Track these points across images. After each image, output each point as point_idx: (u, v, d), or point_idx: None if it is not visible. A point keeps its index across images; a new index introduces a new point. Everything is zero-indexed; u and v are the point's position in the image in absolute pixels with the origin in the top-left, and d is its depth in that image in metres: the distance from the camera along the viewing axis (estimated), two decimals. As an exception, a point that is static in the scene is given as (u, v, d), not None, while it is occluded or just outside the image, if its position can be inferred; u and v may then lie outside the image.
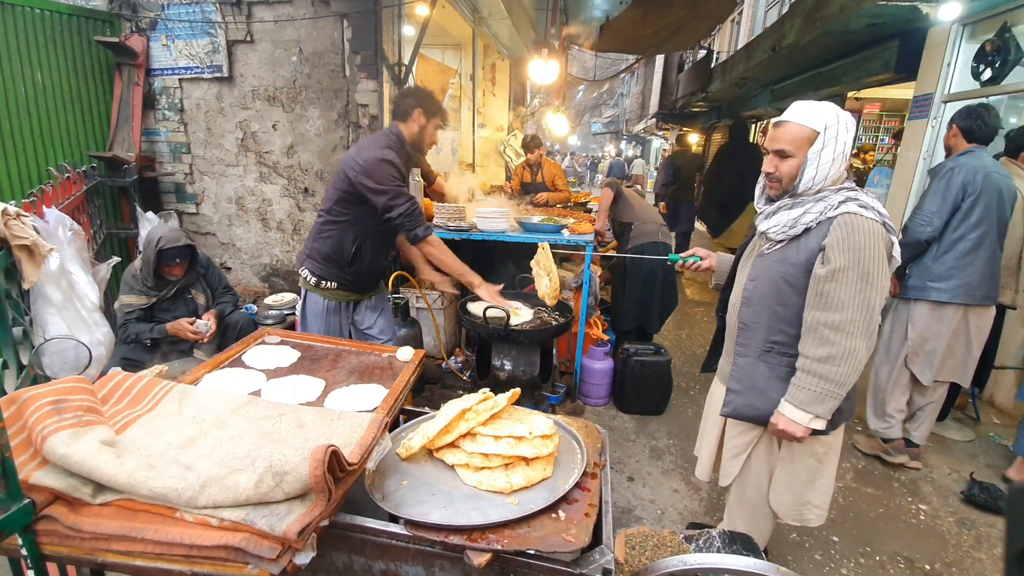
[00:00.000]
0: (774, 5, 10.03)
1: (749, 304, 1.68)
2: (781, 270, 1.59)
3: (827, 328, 1.48)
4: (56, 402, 1.05)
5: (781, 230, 1.58)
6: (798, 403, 1.53)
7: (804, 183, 1.53)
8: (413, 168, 3.78)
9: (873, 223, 1.46)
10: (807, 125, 1.50)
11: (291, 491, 0.95)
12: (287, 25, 3.93)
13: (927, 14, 4.15)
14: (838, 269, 1.46)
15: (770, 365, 1.65)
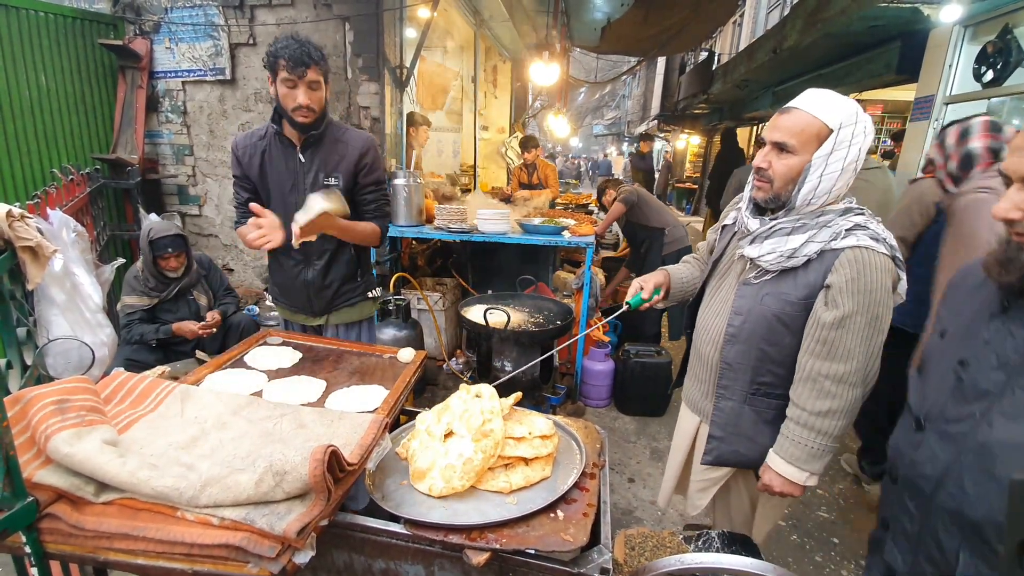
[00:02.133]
0: (775, 7, 10.04)
1: (735, 342, 1.44)
2: (775, 307, 1.35)
3: (829, 380, 1.28)
4: (59, 402, 1.06)
5: (777, 260, 1.32)
6: (793, 460, 1.34)
7: (804, 195, 1.28)
8: (415, 169, 3.80)
9: (885, 259, 1.25)
10: (820, 118, 1.24)
11: (291, 491, 0.96)
12: (289, 28, 3.95)
13: (928, 16, 4.16)
14: (847, 316, 1.24)
15: (756, 409, 1.45)
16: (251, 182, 1.92)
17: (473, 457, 1.16)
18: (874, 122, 7.05)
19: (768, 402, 1.44)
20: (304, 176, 1.90)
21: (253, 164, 1.90)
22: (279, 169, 1.90)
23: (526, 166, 5.84)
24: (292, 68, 1.71)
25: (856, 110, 1.25)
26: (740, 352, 1.43)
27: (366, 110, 3.96)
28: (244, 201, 1.91)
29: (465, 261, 4.50)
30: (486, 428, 1.20)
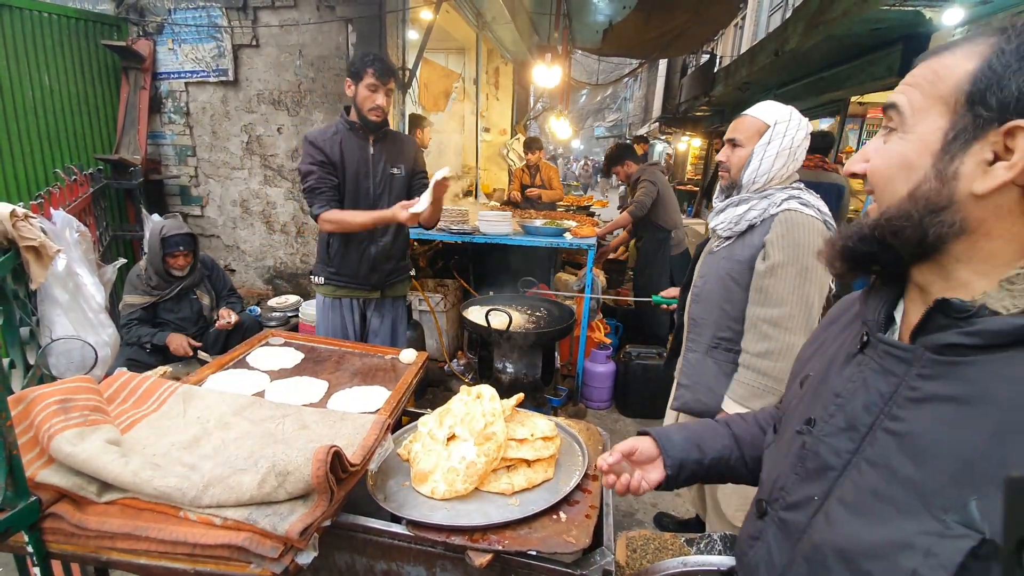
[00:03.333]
0: (777, 10, 10.06)
1: (698, 301, 1.73)
2: (727, 267, 1.62)
3: (766, 324, 1.50)
4: (62, 401, 1.06)
5: (727, 226, 1.62)
6: (738, 398, 1.55)
7: (748, 175, 1.58)
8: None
9: (813, 220, 1.49)
10: (759, 118, 1.56)
11: (294, 491, 0.96)
12: (292, 29, 3.96)
13: (930, 19, 4.16)
14: (776, 265, 1.48)
15: (717, 361, 1.68)
16: (335, 170, 2.18)
17: (476, 460, 1.16)
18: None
19: (727, 355, 1.66)
20: (375, 165, 2.25)
21: (335, 152, 2.17)
22: (356, 158, 2.21)
23: (529, 167, 5.84)
24: (379, 76, 2.09)
25: (792, 112, 1.55)
26: (703, 309, 1.70)
27: (369, 111, 3.97)
28: (332, 185, 2.16)
29: (467, 263, 4.50)
30: (488, 431, 1.20)
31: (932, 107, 0.57)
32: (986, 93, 0.53)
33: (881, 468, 0.59)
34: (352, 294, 2.40)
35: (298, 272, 4.49)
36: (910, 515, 0.54)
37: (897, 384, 0.60)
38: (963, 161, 0.54)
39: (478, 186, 6.86)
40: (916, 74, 0.61)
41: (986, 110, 0.53)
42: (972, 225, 0.55)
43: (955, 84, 0.56)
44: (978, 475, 0.51)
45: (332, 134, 2.19)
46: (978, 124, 0.54)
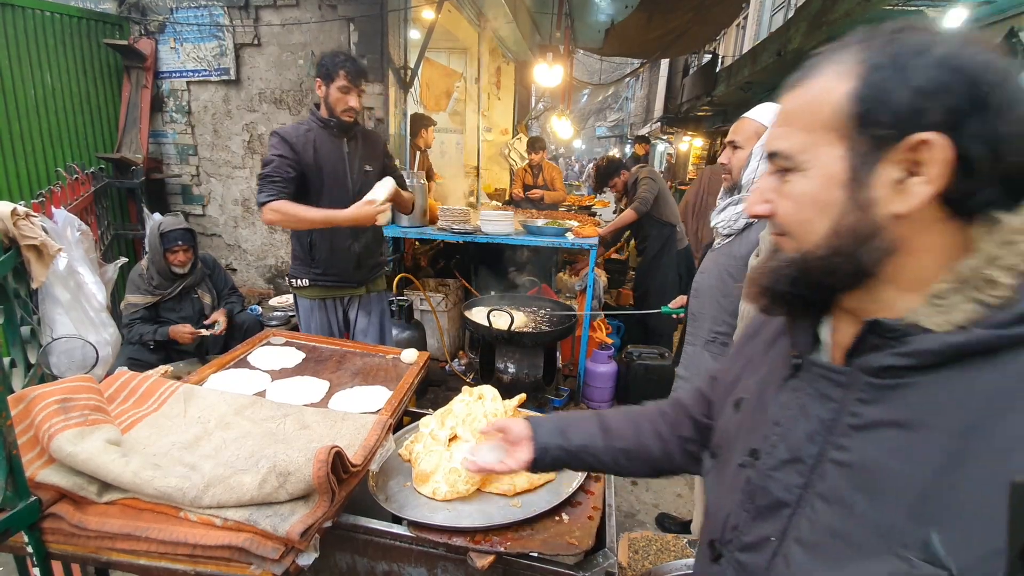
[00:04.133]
0: (779, 9, 10.04)
1: (697, 296, 1.78)
2: (725, 263, 1.66)
3: None
4: (63, 401, 1.05)
5: (727, 224, 1.66)
6: None
7: (747, 175, 1.60)
8: (419, 170, 3.80)
9: None
10: (756, 120, 1.61)
11: (295, 492, 0.95)
12: (294, 29, 3.96)
13: (933, 19, 4.15)
14: None
15: (713, 354, 1.72)
16: (300, 165, 2.14)
17: None
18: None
19: (722, 348, 1.69)
20: (351, 163, 2.25)
21: (307, 151, 2.15)
22: (332, 157, 2.20)
23: (531, 167, 5.84)
24: (351, 78, 2.09)
25: None
26: (701, 304, 1.75)
27: (370, 111, 3.96)
28: (289, 177, 2.10)
29: (468, 262, 4.50)
30: None
31: (821, 139, 0.53)
32: (875, 111, 0.50)
33: (835, 504, 0.55)
34: (339, 293, 2.38)
35: (299, 271, 4.49)
36: (872, 555, 0.50)
37: (837, 410, 0.57)
38: (874, 185, 0.51)
39: (479, 186, 6.85)
40: (786, 112, 0.57)
41: (881, 128, 0.50)
42: (896, 245, 0.52)
43: (836, 109, 0.52)
44: (935, 507, 0.47)
45: (304, 131, 2.16)
46: (877, 145, 0.50)
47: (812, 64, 0.55)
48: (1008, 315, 0.47)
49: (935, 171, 0.48)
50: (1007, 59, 0.48)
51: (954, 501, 0.46)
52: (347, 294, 2.40)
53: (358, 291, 2.41)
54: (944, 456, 0.47)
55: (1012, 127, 0.46)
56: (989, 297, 0.48)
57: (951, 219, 0.50)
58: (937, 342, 0.49)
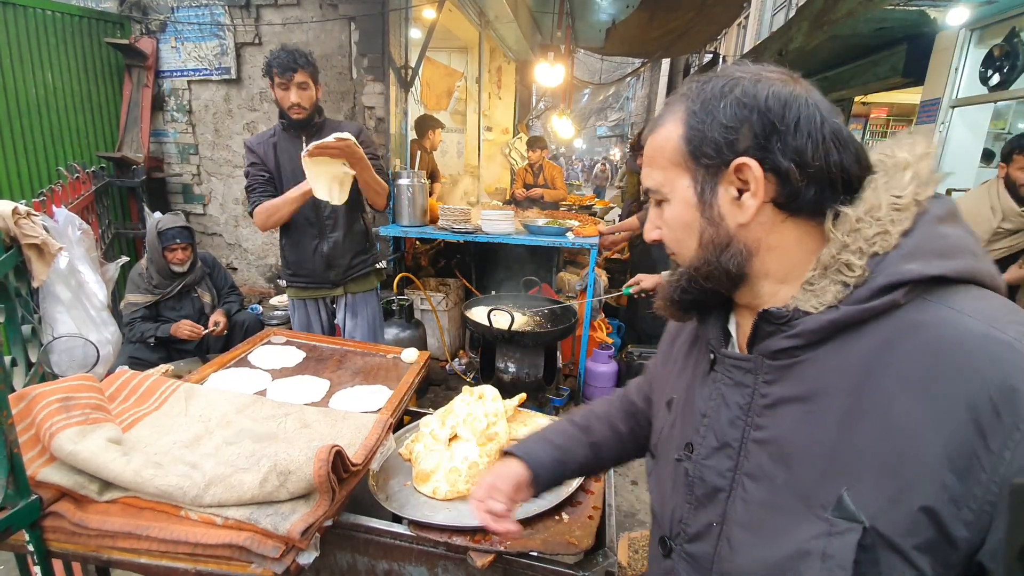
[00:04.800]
0: (781, 9, 10.02)
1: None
2: None
3: None
4: (64, 400, 1.05)
5: None
6: None
7: None
8: (420, 169, 3.80)
9: None
10: None
11: (295, 491, 0.96)
12: (295, 28, 3.96)
13: (935, 19, 4.15)
14: None
15: None
16: (268, 169, 2.15)
17: (478, 461, 1.16)
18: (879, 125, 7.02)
19: None
20: None
21: (269, 156, 2.14)
22: (290, 158, 2.13)
23: (532, 167, 5.83)
24: (282, 73, 1.99)
25: None
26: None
27: (371, 110, 3.96)
28: (264, 181, 2.13)
29: (469, 262, 4.50)
30: (490, 431, 1.20)
31: (672, 174, 0.64)
32: (701, 147, 0.61)
33: (761, 480, 0.61)
34: (315, 294, 2.33)
35: (300, 271, 4.49)
36: (799, 521, 0.56)
37: (750, 394, 0.64)
38: (718, 204, 0.61)
39: (480, 186, 6.85)
40: (647, 155, 0.68)
41: (708, 159, 0.60)
42: (753, 247, 0.61)
43: (676, 149, 0.63)
44: (841, 465, 0.54)
45: (268, 137, 2.17)
46: (710, 172, 0.61)
47: (660, 114, 0.67)
48: (866, 291, 0.55)
49: (755, 186, 0.58)
50: (788, 88, 0.59)
51: (855, 457, 0.53)
52: (323, 295, 2.34)
53: (335, 292, 2.34)
54: (840, 418, 0.55)
55: (800, 142, 0.57)
56: (849, 278, 0.56)
57: (792, 218, 0.60)
58: (815, 322, 0.57)
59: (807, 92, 0.60)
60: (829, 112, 0.59)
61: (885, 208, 0.56)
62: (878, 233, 0.56)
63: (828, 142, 0.57)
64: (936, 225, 0.56)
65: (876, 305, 0.54)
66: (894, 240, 0.55)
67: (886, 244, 0.55)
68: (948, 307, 0.52)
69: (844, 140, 0.58)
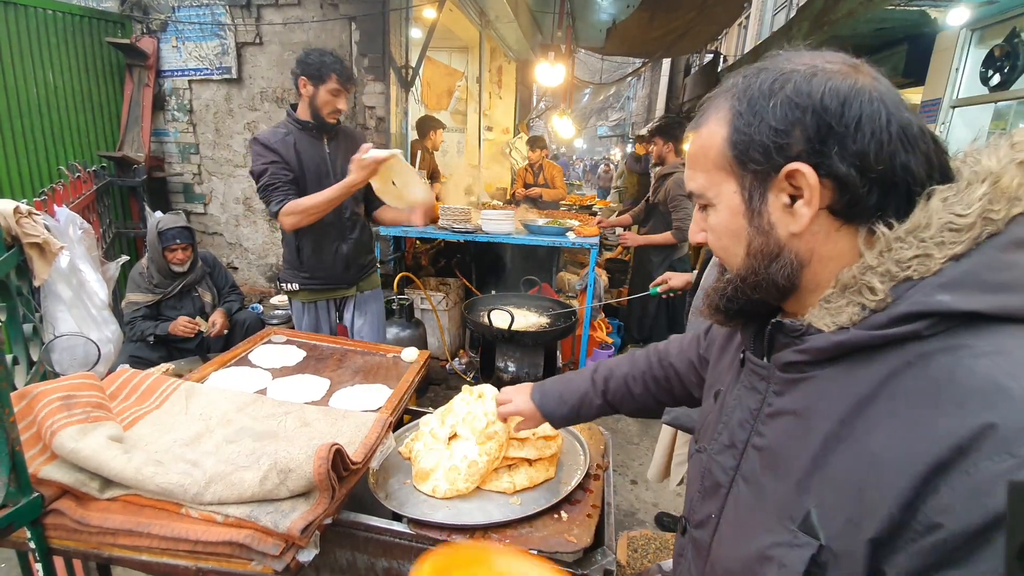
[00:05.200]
0: (781, 9, 10.01)
1: (695, 313, 1.78)
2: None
3: None
4: (66, 398, 1.06)
5: None
6: None
7: None
8: (420, 169, 3.81)
9: None
10: None
11: (295, 488, 0.96)
12: (296, 27, 3.96)
13: (935, 19, 4.15)
14: None
15: None
16: (291, 168, 2.10)
17: (477, 460, 1.16)
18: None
19: None
20: (333, 164, 2.19)
21: (290, 154, 2.10)
22: (313, 159, 2.15)
23: (532, 166, 5.83)
24: (342, 82, 2.08)
25: None
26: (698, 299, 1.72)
27: (371, 109, 3.97)
28: (288, 179, 2.07)
29: (469, 261, 4.50)
30: (490, 430, 1.20)
31: (717, 178, 0.60)
32: (748, 151, 0.56)
33: (752, 484, 0.63)
34: (330, 295, 2.35)
35: (300, 270, 4.50)
36: (771, 528, 0.57)
37: (760, 401, 0.64)
38: (768, 211, 0.57)
39: (480, 186, 6.85)
40: (691, 154, 0.64)
41: (757, 164, 0.56)
42: (806, 257, 0.57)
43: (720, 152, 0.59)
44: (814, 484, 0.53)
45: (283, 135, 2.12)
46: (759, 178, 0.56)
47: (702, 110, 0.63)
48: (883, 317, 0.51)
49: (809, 193, 0.53)
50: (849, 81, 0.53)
51: (827, 478, 0.52)
52: (339, 295, 2.38)
53: (349, 292, 2.39)
54: (823, 440, 0.54)
55: (862, 144, 0.51)
56: (868, 300, 0.52)
57: (849, 225, 0.55)
58: (824, 340, 0.55)
59: (873, 82, 0.54)
60: (897, 105, 0.53)
61: (935, 228, 0.50)
62: (917, 256, 0.50)
63: (895, 142, 0.51)
64: (1005, 252, 0.48)
65: (889, 334, 0.50)
66: (937, 265, 0.49)
67: (924, 269, 0.50)
68: (975, 349, 0.46)
69: (912, 138, 0.52)
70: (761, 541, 0.57)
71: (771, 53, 0.60)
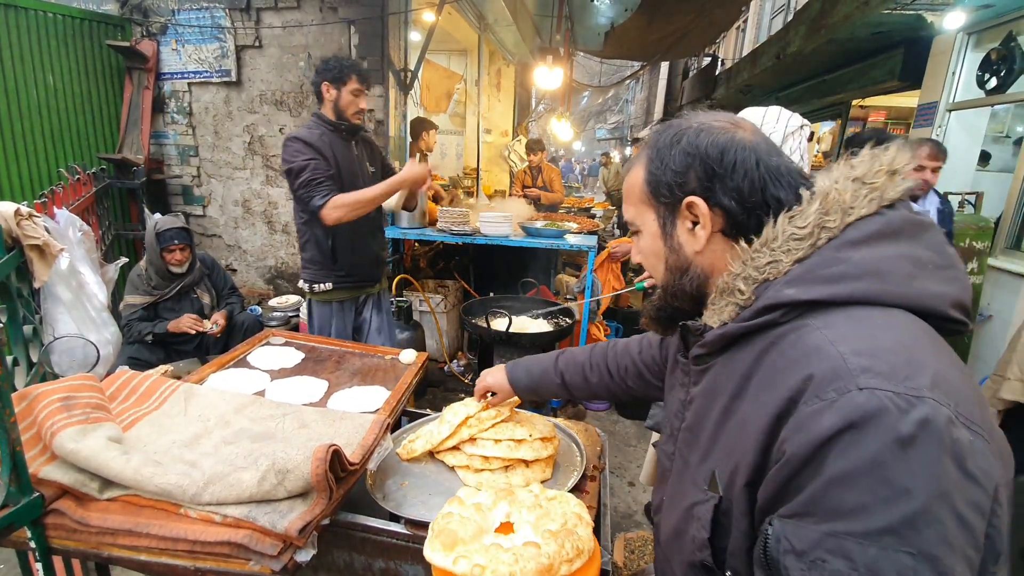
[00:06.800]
0: (779, 12, 10.05)
1: None
2: None
3: None
4: (65, 399, 1.07)
5: None
6: None
7: None
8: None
9: None
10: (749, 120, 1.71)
11: (293, 489, 0.97)
12: (295, 31, 3.98)
13: (932, 23, 4.16)
14: None
15: None
16: (331, 165, 2.14)
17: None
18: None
19: None
20: (361, 165, 2.29)
21: (328, 154, 2.14)
22: (346, 159, 2.23)
23: (531, 169, 5.85)
24: (362, 81, 2.18)
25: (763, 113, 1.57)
26: None
27: (371, 113, 3.98)
28: (331, 176, 2.11)
29: (467, 264, 4.51)
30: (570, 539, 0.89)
31: (642, 209, 0.75)
32: (658, 188, 0.72)
33: (680, 461, 0.77)
34: (360, 292, 2.41)
35: (298, 272, 4.50)
36: (692, 493, 0.70)
37: (686, 392, 0.78)
38: (677, 235, 0.72)
39: (479, 188, 6.87)
40: (624, 190, 0.79)
41: (665, 198, 0.71)
42: (708, 270, 0.72)
43: (642, 189, 0.74)
44: (715, 450, 0.67)
45: (319, 135, 2.15)
46: (669, 208, 0.72)
47: (633, 157, 0.79)
48: (749, 312, 0.65)
49: (704, 219, 0.69)
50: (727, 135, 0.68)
51: (721, 443, 0.66)
52: (365, 293, 2.44)
53: (374, 289, 2.46)
54: (720, 414, 0.67)
55: (737, 181, 0.66)
56: (739, 300, 0.67)
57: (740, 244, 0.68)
58: (712, 335, 0.70)
59: (749, 136, 0.69)
60: (768, 152, 0.68)
61: (781, 239, 0.64)
62: (770, 262, 0.64)
63: (763, 179, 0.66)
64: (840, 251, 0.61)
65: (754, 323, 0.64)
66: (785, 267, 0.63)
67: (776, 271, 0.64)
68: (812, 326, 0.59)
69: (779, 175, 0.67)
70: (686, 504, 0.71)
71: (680, 114, 0.77)
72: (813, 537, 0.50)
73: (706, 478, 0.67)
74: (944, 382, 0.51)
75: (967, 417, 0.50)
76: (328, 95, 2.16)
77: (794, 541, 0.51)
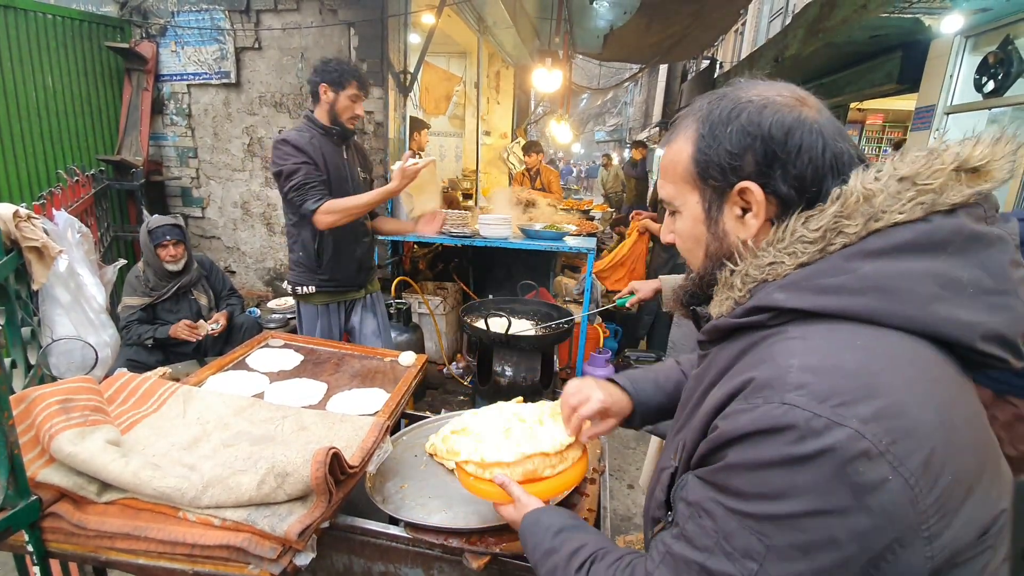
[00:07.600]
0: (777, 16, 10.09)
1: (679, 325, 1.81)
2: None
3: None
4: (63, 401, 1.06)
5: None
6: None
7: None
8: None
9: None
10: None
11: (292, 492, 0.96)
12: (295, 33, 3.98)
13: (930, 26, 4.18)
14: None
15: None
16: (321, 170, 2.14)
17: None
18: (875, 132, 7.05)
19: None
20: (351, 169, 2.28)
21: (318, 157, 2.14)
22: (336, 163, 2.21)
23: (528, 171, 5.86)
24: (361, 87, 2.17)
25: None
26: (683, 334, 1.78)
27: (370, 115, 3.98)
28: (321, 180, 2.11)
29: (466, 266, 4.51)
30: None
31: (684, 189, 0.70)
32: (708, 169, 0.65)
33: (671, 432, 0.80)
34: (343, 297, 2.41)
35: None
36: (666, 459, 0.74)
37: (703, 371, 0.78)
38: (724, 221, 0.67)
39: (478, 190, 6.87)
40: (663, 166, 0.73)
41: (715, 181, 0.65)
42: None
43: (686, 167, 0.68)
44: (686, 428, 0.69)
45: (309, 139, 2.14)
46: (717, 192, 0.66)
47: (674, 127, 0.71)
48: (740, 309, 0.64)
49: (757, 208, 0.63)
50: (794, 113, 0.62)
51: (690, 424, 0.68)
52: (350, 298, 2.45)
53: (359, 294, 2.47)
54: (700, 396, 0.68)
55: (800, 168, 0.61)
56: (735, 295, 0.65)
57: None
58: (710, 325, 0.69)
59: (815, 115, 0.62)
60: (834, 136, 0.61)
61: (788, 240, 0.61)
62: (771, 263, 0.61)
63: (827, 168, 0.60)
64: (851, 260, 0.57)
65: (741, 322, 0.63)
66: (786, 270, 0.60)
67: (776, 273, 0.61)
68: (789, 335, 0.58)
69: (842, 165, 0.61)
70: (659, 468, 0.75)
71: (734, 80, 0.69)
72: (702, 496, 0.59)
73: (675, 448, 0.71)
74: (896, 417, 0.49)
75: (898, 457, 0.47)
76: (325, 96, 2.15)
77: (690, 493, 0.61)
